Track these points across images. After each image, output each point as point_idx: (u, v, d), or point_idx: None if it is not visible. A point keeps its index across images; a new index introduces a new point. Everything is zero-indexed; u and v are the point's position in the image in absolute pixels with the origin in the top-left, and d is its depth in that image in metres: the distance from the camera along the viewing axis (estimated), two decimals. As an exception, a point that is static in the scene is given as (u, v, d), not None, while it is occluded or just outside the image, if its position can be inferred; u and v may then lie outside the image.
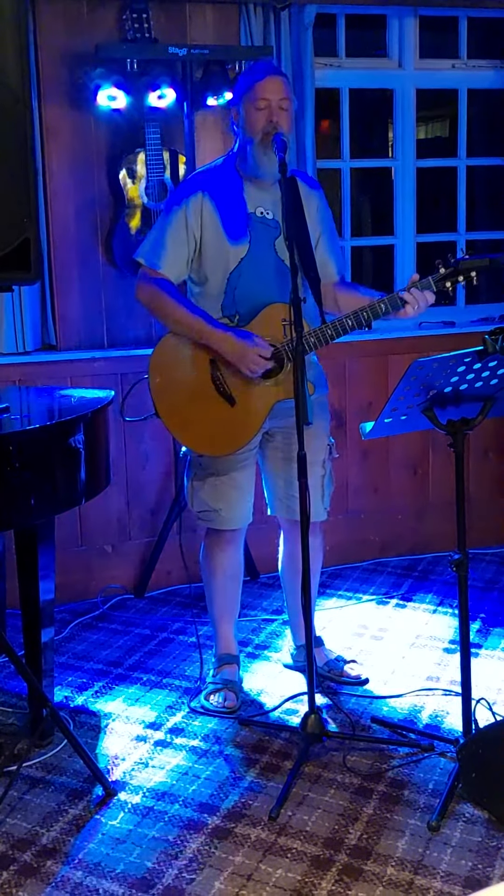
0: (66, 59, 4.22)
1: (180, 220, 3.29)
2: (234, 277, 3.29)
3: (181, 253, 3.31)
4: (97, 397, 3.29)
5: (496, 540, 4.98)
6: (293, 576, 3.58)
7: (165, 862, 2.70)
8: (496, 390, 2.79)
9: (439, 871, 2.62)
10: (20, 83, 2.91)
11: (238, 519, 3.48)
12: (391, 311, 3.18)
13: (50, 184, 4.30)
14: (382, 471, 4.89)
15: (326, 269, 3.40)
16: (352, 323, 3.17)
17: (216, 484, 3.42)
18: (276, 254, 3.30)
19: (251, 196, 3.31)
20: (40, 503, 2.94)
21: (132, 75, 4.08)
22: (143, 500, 4.59)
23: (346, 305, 3.32)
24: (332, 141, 4.94)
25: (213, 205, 3.29)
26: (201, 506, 3.47)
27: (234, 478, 3.42)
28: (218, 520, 3.46)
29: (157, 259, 3.31)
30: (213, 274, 3.32)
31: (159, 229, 3.34)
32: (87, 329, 4.45)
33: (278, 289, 3.24)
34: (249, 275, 3.29)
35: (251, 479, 3.49)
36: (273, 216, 3.31)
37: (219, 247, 3.29)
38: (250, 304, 3.28)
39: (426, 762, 3.12)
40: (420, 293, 3.14)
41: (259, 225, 3.31)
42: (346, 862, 2.67)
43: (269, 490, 3.58)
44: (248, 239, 3.29)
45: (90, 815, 2.92)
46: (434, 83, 5.01)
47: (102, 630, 4.24)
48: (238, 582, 3.63)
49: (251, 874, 2.64)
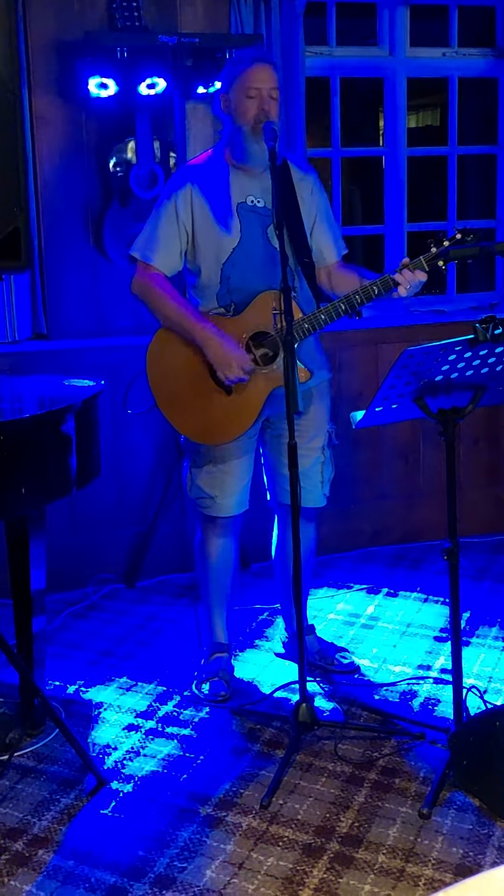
0: (56, 47, 4.20)
1: (171, 214, 3.30)
2: (228, 268, 3.29)
3: (174, 246, 3.32)
4: (87, 386, 3.29)
5: (487, 528, 4.99)
6: (287, 563, 3.58)
7: (157, 850, 2.70)
8: (487, 379, 2.79)
9: (430, 859, 2.62)
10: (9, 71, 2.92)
11: (233, 506, 3.48)
12: (384, 293, 3.18)
13: (40, 172, 4.28)
14: (373, 460, 4.90)
15: (324, 253, 3.41)
16: (344, 307, 3.17)
17: (213, 471, 3.43)
18: (269, 242, 3.30)
19: (241, 185, 3.31)
20: (31, 493, 2.94)
21: (122, 64, 4.05)
22: (134, 490, 4.58)
23: (341, 288, 3.33)
24: (322, 129, 4.93)
25: (203, 196, 3.29)
26: (198, 492, 3.47)
27: (232, 465, 3.42)
28: (214, 507, 3.47)
29: (150, 253, 3.32)
30: (207, 265, 3.32)
31: (151, 224, 3.35)
32: (78, 318, 4.44)
33: (272, 277, 3.24)
34: (242, 264, 3.29)
35: (249, 467, 3.49)
36: (264, 204, 3.31)
37: (211, 238, 3.29)
38: (245, 293, 3.28)
39: (417, 750, 3.13)
40: (411, 273, 3.14)
41: (250, 214, 3.30)
42: (337, 850, 2.68)
43: (268, 476, 3.59)
44: (239, 228, 3.28)
45: (82, 805, 2.92)
46: (425, 71, 5.00)
47: (94, 619, 4.24)
48: (230, 570, 3.63)
49: (243, 862, 2.64)
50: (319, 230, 3.42)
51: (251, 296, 3.27)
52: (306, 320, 3.18)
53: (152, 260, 3.32)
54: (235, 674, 3.64)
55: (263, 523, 3.81)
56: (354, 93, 6.28)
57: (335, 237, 3.49)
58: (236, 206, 3.30)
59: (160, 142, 4.27)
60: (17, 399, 3.43)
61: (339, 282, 3.40)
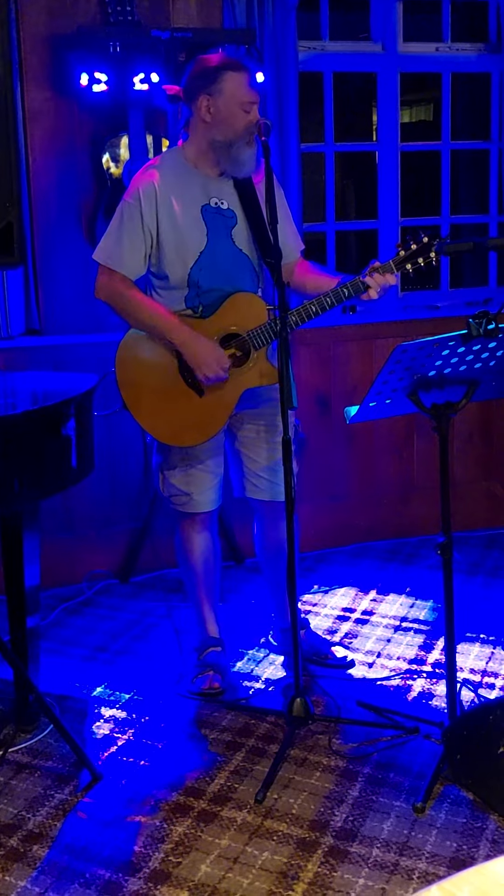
0: (49, 41, 4.19)
1: (135, 217, 3.24)
2: (196, 271, 3.26)
3: (138, 251, 3.26)
4: (82, 382, 3.28)
5: (480, 523, 4.99)
6: (268, 558, 3.60)
7: (152, 845, 2.70)
8: (480, 374, 2.80)
9: (424, 853, 2.63)
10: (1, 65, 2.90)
11: (210, 502, 3.48)
12: (354, 296, 3.18)
13: (32, 167, 4.27)
14: (367, 454, 4.90)
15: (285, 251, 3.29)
16: (316, 309, 3.18)
17: (186, 469, 3.42)
18: (234, 244, 3.28)
19: (205, 186, 3.27)
20: (25, 488, 2.94)
21: (115, 58, 4.04)
22: (128, 486, 4.58)
23: (307, 287, 3.32)
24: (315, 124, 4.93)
25: (168, 198, 3.23)
26: (173, 490, 3.47)
27: (205, 462, 3.42)
28: (190, 504, 3.46)
29: (114, 258, 3.27)
30: (173, 268, 3.27)
31: (115, 227, 3.29)
32: (71, 314, 4.43)
33: (239, 279, 3.24)
34: (210, 267, 3.26)
35: (221, 463, 3.49)
36: (228, 206, 3.28)
37: (177, 241, 3.25)
38: (213, 295, 3.27)
39: (411, 745, 3.14)
40: (381, 276, 3.15)
41: (215, 216, 3.27)
42: (331, 844, 2.69)
43: (236, 471, 3.57)
44: (205, 231, 3.25)
45: (76, 800, 2.93)
46: (418, 67, 5.00)
47: (88, 615, 4.24)
48: (216, 564, 3.63)
49: (237, 857, 2.65)
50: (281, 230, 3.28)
51: (220, 298, 3.25)
52: (276, 321, 3.14)
53: (118, 265, 3.26)
54: (229, 669, 3.64)
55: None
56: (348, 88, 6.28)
57: (294, 234, 3.45)
58: (201, 208, 3.26)
59: (153, 136, 4.26)
60: (11, 394, 3.42)
61: (304, 281, 3.36)
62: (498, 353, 2.75)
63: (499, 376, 2.87)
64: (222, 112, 3.18)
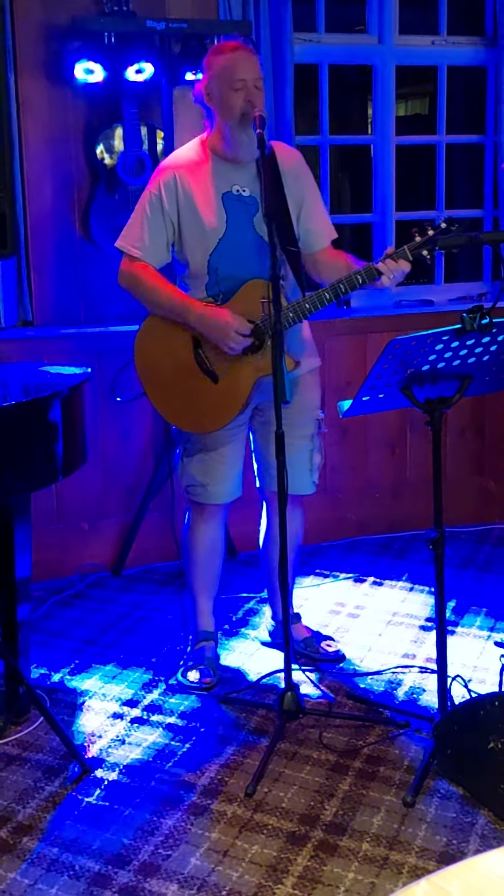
0: (43, 31, 4.16)
1: (156, 206, 3.28)
2: (215, 258, 3.28)
3: (160, 238, 3.30)
4: (74, 374, 3.27)
5: (472, 518, 4.99)
6: (275, 550, 3.58)
7: (142, 838, 2.70)
8: (473, 369, 2.80)
9: (414, 847, 2.63)
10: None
11: (224, 494, 3.48)
12: (368, 282, 3.17)
13: (26, 157, 4.25)
14: (360, 449, 4.90)
15: (313, 239, 3.39)
16: (329, 296, 3.16)
17: (205, 459, 3.43)
18: (255, 231, 3.28)
19: (227, 174, 3.28)
20: (16, 480, 2.93)
21: (110, 49, 4.03)
22: (120, 478, 4.57)
23: (328, 275, 3.31)
24: (310, 117, 4.91)
25: (188, 187, 3.26)
26: (190, 480, 3.48)
27: (222, 453, 3.42)
28: (205, 494, 3.47)
29: (137, 246, 3.31)
30: (194, 256, 3.30)
31: (137, 216, 3.33)
32: (64, 305, 4.42)
33: (260, 266, 3.23)
34: (229, 254, 3.27)
35: (240, 455, 3.49)
36: (250, 193, 3.29)
37: (196, 229, 3.27)
38: (233, 282, 3.27)
39: (402, 739, 3.14)
40: (395, 263, 3.14)
41: (236, 203, 3.28)
42: (321, 838, 2.69)
43: (257, 464, 3.59)
44: (225, 219, 3.27)
45: (66, 792, 2.92)
46: (414, 60, 4.98)
47: (79, 608, 4.23)
48: (218, 558, 3.64)
49: (227, 850, 2.65)
50: (308, 216, 3.39)
51: (239, 285, 3.26)
52: (291, 308, 3.17)
53: (139, 253, 3.30)
54: (221, 662, 3.64)
55: (251, 512, 3.81)
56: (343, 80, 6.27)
57: (325, 223, 3.47)
58: (221, 195, 3.27)
59: (147, 128, 4.25)
60: (2, 386, 3.41)
61: (326, 269, 3.37)
62: (491, 348, 2.75)
63: (492, 371, 2.87)
64: (217, 94, 3.21)
